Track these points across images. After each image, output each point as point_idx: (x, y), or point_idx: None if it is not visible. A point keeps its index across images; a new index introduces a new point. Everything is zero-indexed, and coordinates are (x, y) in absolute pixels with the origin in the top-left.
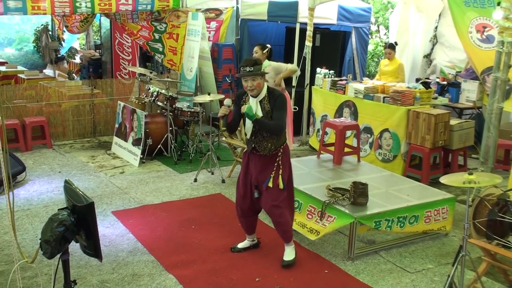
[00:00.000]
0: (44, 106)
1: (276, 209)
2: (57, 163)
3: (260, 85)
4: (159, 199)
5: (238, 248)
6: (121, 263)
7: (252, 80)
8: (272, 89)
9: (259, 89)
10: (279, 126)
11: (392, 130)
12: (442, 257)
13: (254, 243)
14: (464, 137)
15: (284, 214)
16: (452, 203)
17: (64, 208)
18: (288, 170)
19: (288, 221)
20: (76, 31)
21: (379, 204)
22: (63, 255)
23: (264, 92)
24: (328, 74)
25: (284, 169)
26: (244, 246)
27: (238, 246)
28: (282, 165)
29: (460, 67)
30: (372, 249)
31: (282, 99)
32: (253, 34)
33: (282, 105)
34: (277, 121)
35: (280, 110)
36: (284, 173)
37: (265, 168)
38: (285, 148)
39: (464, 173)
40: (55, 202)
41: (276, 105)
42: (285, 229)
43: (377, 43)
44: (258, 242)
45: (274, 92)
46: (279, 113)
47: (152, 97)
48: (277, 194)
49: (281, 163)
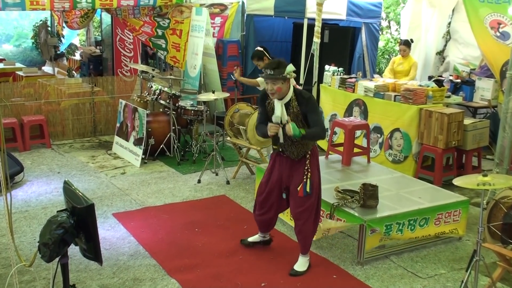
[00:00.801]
0: (43, 105)
1: (302, 215)
2: (56, 163)
3: (281, 89)
4: (161, 200)
5: (248, 242)
6: (122, 267)
7: (273, 83)
8: (299, 91)
9: (280, 93)
10: (322, 131)
11: (403, 130)
12: (455, 262)
13: (265, 240)
14: (479, 137)
15: (308, 223)
16: (465, 206)
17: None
18: (317, 174)
19: (310, 231)
20: (76, 27)
21: (389, 207)
22: (62, 258)
23: (290, 94)
24: (337, 71)
25: (313, 173)
26: (254, 240)
27: (248, 239)
28: (311, 169)
29: (475, 64)
30: (383, 253)
31: (314, 101)
32: (259, 30)
33: (316, 107)
34: (318, 126)
35: (315, 112)
36: (313, 177)
37: (295, 171)
38: (314, 150)
39: (478, 175)
40: (54, 203)
41: (310, 108)
42: (306, 238)
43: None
44: (270, 239)
45: (303, 94)
46: (316, 117)
47: (155, 95)
48: (304, 199)
49: (309, 167)
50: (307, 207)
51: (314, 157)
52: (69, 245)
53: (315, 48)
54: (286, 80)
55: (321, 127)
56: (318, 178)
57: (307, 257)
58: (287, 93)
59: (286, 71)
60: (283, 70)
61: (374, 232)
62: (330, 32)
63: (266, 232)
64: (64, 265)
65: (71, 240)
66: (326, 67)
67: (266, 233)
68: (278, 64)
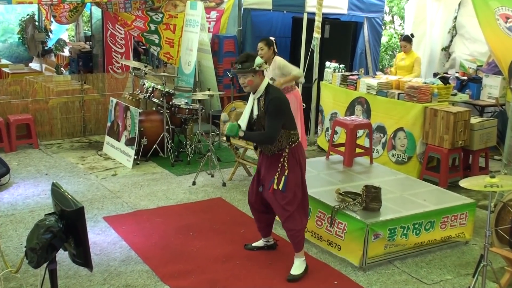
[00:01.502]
0: (30, 103)
1: (284, 212)
2: (44, 165)
3: (252, 82)
4: (154, 203)
5: (251, 246)
6: (113, 273)
7: (244, 77)
8: (270, 89)
9: (252, 86)
10: (267, 137)
11: (407, 129)
12: (461, 268)
13: (270, 244)
14: (486, 137)
15: (293, 218)
16: (472, 208)
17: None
18: (297, 172)
19: (297, 226)
20: (65, 22)
21: (393, 210)
22: (50, 264)
23: (262, 89)
24: (338, 68)
25: (290, 171)
26: (258, 245)
27: (252, 244)
28: (288, 166)
29: (482, 60)
30: (386, 258)
31: (274, 104)
32: (257, 25)
33: (274, 110)
34: (267, 130)
35: (270, 116)
36: (291, 175)
37: (271, 168)
38: (294, 149)
39: (485, 176)
40: (41, 206)
41: (268, 110)
42: (293, 237)
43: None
44: (274, 243)
45: (270, 93)
46: (269, 121)
47: (147, 93)
48: (282, 196)
49: (286, 164)
50: (284, 205)
51: (292, 155)
52: (58, 250)
53: (315, 44)
54: (256, 73)
55: (268, 133)
56: (299, 176)
57: (302, 257)
58: (259, 87)
59: (255, 64)
60: (252, 63)
61: (378, 237)
62: (331, 27)
63: (266, 236)
64: (52, 271)
65: (60, 245)
66: (326, 64)
67: (267, 237)
68: (247, 58)
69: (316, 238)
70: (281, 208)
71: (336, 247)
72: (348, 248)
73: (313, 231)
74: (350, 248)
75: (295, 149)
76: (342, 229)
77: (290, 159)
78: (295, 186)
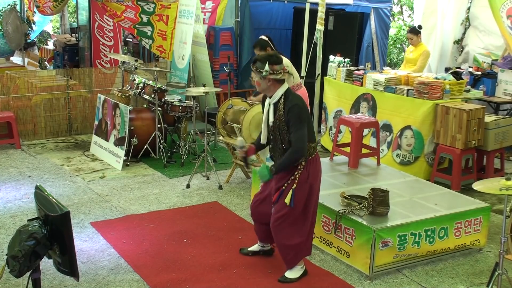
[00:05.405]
0: (12, 100)
1: (275, 221)
2: (26, 166)
3: (259, 85)
4: (145, 208)
5: (247, 251)
6: (101, 282)
7: (254, 75)
8: (290, 95)
9: (260, 88)
10: (296, 151)
11: (415, 127)
12: (475, 276)
13: (266, 249)
14: (501, 137)
15: (283, 231)
16: (487, 213)
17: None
18: (306, 189)
19: (286, 241)
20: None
21: (402, 215)
22: (34, 273)
23: (279, 94)
24: (343, 62)
25: (299, 186)
26: (254, 249)
27: (248, 249)
28: (298, 181)
29: (497, 54)
30: (394, 266)
31: (295, 112)
32: (256, 16)
33: (298, 117)
34: (294, 143)
35: (294, 127)
36: (299, 190)
37: (281, 178)
38: (310, 164)
39: (501, 179)
40: (24, 211)
41: (290, 118)
42: (283, 249)
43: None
44: (271, 249)
45: (290, 99)
46: (294, 132)
47: (138, 89)
48: (280, 207)
49: (298, 178)
50: (281, 216)
51: (307, 170)
52: (42, 258)
53: (318, 37)
54: (264, 78)
55: (296, 147)
56: (305, 195)
57: (300, 265)
58: (274, 93)
59: (264, 70)
60: (262, 65)
61: (387, 246)
62: (335, 18)
63: (264, 241)
64: (36, 281)
65: (44, 252)
66: (330, 58)
67: (265, 242)
68: (265, 59)
69: (325, 244)
70: (274, 218)
71: (345, 254)
72: (356, 255)
73: (322, 236)
74: (358, 256)
75: (310, 164)
76: (351, 234)
77: (303, 173)
78: (297, 202)
